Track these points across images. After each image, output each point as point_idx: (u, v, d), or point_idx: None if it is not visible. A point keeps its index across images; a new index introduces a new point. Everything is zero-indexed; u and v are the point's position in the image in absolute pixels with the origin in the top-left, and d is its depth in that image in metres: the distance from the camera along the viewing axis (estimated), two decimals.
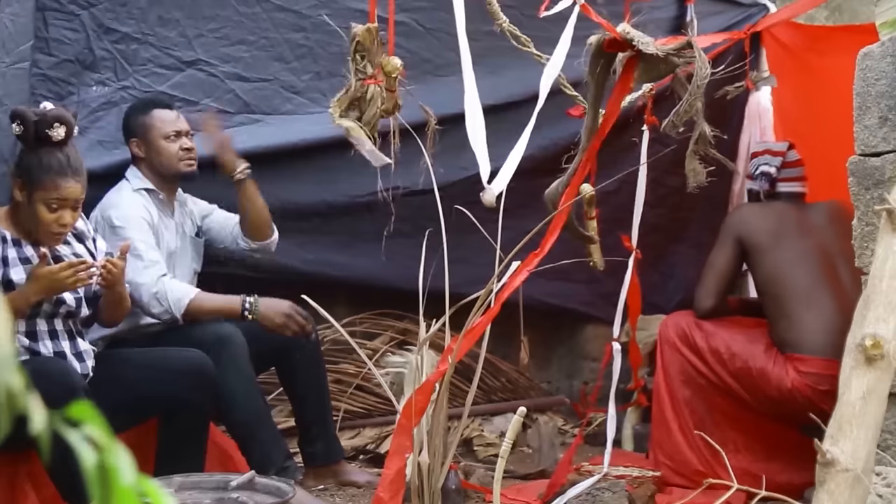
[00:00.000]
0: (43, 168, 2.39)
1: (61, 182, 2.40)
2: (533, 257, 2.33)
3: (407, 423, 2.21)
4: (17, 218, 2.47)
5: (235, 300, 2.82)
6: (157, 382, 2.54)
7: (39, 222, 2.42)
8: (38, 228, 2.43)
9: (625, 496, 2.70)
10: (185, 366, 2.58)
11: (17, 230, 2.47)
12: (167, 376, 2.55)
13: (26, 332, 2.43)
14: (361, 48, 2.56)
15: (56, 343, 2.47)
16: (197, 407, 2.56)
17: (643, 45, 2.26)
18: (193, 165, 2.96)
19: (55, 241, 2.47)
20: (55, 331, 2.48)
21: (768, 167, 3.33)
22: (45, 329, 2.46)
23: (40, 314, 2.45)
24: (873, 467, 1.81)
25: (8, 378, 0.54)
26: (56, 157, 2.41)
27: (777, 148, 3.42)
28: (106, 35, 3.11)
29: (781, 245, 3.11)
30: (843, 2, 4.77)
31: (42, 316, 2.46)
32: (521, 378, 3.97)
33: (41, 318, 2.46)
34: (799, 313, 3.00)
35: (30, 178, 2.41)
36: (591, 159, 2.53)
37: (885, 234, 1.84)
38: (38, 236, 2.45)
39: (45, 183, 2.39)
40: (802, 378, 2.92)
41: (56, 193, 2.39)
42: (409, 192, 3.24)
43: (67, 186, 2.41)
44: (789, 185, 3.33)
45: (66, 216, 2.43)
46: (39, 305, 2.42)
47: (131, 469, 0.54)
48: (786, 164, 3.35)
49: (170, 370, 2.57)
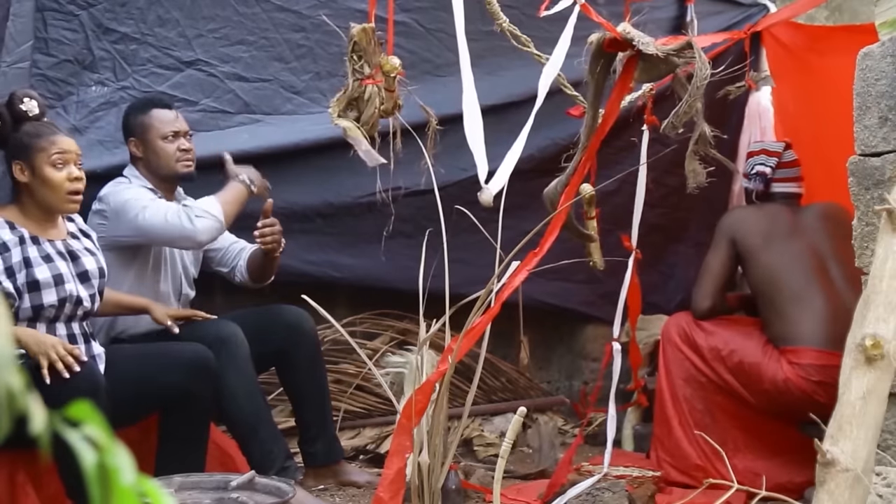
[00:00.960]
0: (33, 135, 2.43)
1: (55, 138, 2.44)
2: (532, 257, 2.33)
3: (407, 423, 2.21)
4: (29, 206, 2.47)
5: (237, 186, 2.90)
6: (160, 374, 2.54)
7: (53, 186, 2.43)
8: (54, 195, 2.44)
9: (625, 496, 2.70)
10: (187, 357, 2.57)
11: (31, 223, 2.46)
12: (170, 367, 2.54)
13: None
14: (358, 48, 2.57)
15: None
16: (199, 398, 2.55)
17: (643, 45, 2.26)
18: (191, 166, 2.95)
19: (74, 205, 2.48)
20: (73, 335, 2.48)
21: (763, 167, 3.35)
22: (64, 334, 2.45)
23: (60, 318, 2.45)
24: (873, 467, 1.81)
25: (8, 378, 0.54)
26: (40, 125, 2.46)
27: (773, 148, 3.44)
28: (105, 35, 3.11)
29: (774, 247, 3.16)
30: (843, 2, 4.77)
31: (62, 320, 2.45)
32: (521, 378, 3.97)
33: (61, 323, 2.45)
34: (791, 311, 3.06)
35: (25, 151, 2.43)
36: (591, 159, 2.53)
37: (885, 234, 1.84)
38: (57, 204, 2.46)
39: (41, 145, 2.42)
40: (795, 370, 2.97)
41: (56, 148, 2.42)
42: (409, 193, 3.24)
43: (63, 140, 2.45)
44: (784, 185, 3.36)
45: (73, 170, 2.45)
46: (61, 308, 2.42)
47: (131, 469, 0.54)
48: (781, 164, 3.37)
49: (172, 361, 2.56)
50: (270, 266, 3.05)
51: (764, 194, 3.35)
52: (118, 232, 2.80)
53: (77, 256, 2.51)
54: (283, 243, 3.01)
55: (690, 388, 3.20)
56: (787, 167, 3.38)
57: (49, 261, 2.43)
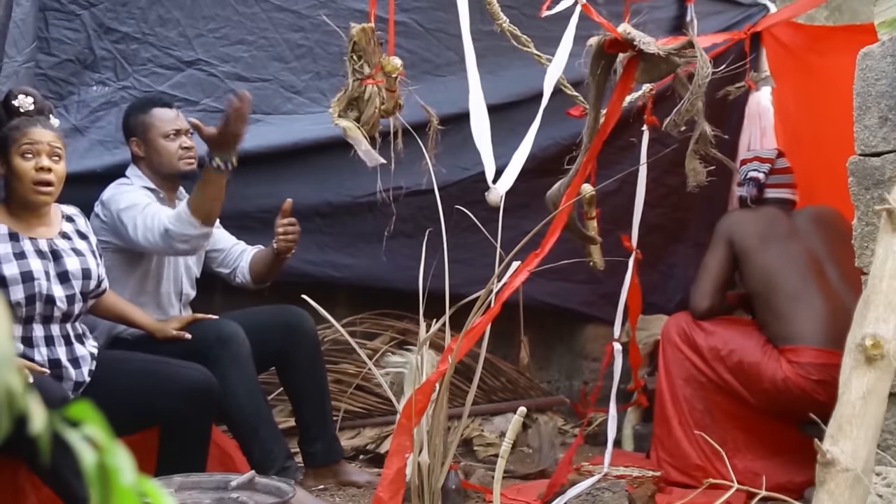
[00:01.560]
0: (12, 129, 2.40)
1: (28, 129, 2.39)
2: (533, 257, 2.33)
3: (407, 423, 2.21)
4: (13, 203, 2.44)
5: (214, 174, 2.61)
6: (158, 396, 2.48)
7: (20, 176, 2.38)
8: (21, 186, 2.39)
9: (625, 496, 2.70)
10: (188, 383, 2.50)
11: (16, 220, 2.43)
12: (169, 390, 2.48)
13: (22, 339, 2.36)
14: (358, 48, 2.57)
15: (52, 350, 2.40)
16: (198, 425, 2.52)
17: (644, 46, 2.26)
18: (193, 164, 2.95)
19: (43, 196, 2.41)
20: (51, 336, 2.41)
21: (757, 172, 3.38)
22: (41, 335, 2.39)
23: (35, 319, 2.39)
24: (873, 467, 1.81)
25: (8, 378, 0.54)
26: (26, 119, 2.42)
27: (766, 155, 3.47)
28: (106, 35, 3.12)
29: (770, 248, 3.18)
30: (843, 2, 4.77)
31: (38, 321, 2.39)
32: (521, 378, 3.97)
33: (37, 324, 2.39)
34: (789, 310, 3.07)
35: (3, 145, 2.40)
36: (593, 160, 2.53)
37: (885, 234, 1.84)
38: (26, 195, 2.40)
39: (14, 136, 2.39)
40: (794, 368, 2.98)
41: (25, 139, 2.38)
42: (409, 193, 3.23)
43: (35, 131, 2.40)
44: (778, 191, 3.38)
45: (43, 160, 2.39)
46: (31, 307, 2.37)
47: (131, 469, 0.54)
48: (774, 170, 3.39)
49: (172, 384, 2.49)
50: (278, 266, 3.04)
51: (758, 199, 3.37)
52: (116, 241, 2.81)
53: (60, 256, 2.45)
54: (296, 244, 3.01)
55: (690, 388, 3.21)
56: (779, 173, 3.40)
57: (21, 258, 2.38)
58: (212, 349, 2.68)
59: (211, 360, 2.66)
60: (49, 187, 2.41)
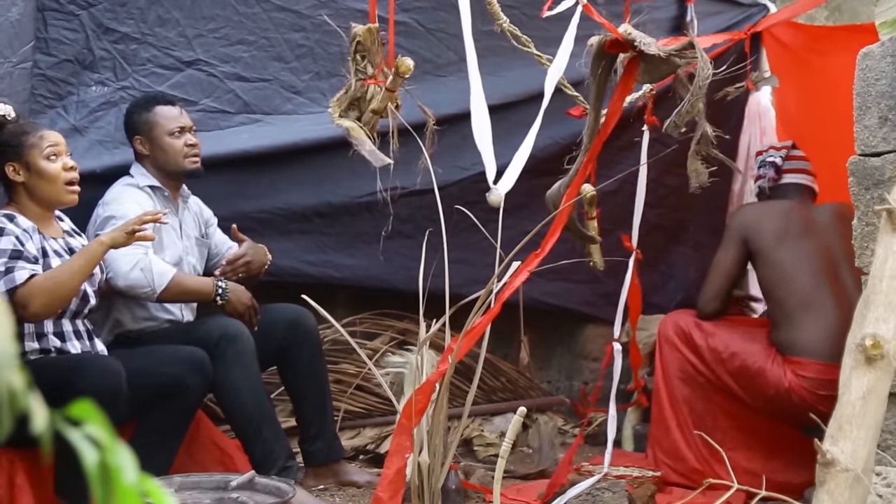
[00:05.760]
0: (19, 134, 2.46)
1: (44, 133, 2.49)
2: (533, 257, 2.33)
3: (407, 423, 2.21)
4: (27, 206, 2.48)
5: (209, 284, 2.81)
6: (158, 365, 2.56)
7: (51, 178, 2.46)
8: (53, 187, 2.47)
9: (625, 496, 2.70)
10: (184, 353, 2.62)
11: (33, 221, 2.47)
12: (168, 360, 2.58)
13: (55, 333, 2.46)
14: (362, 48, 2.56)
15: (82, 343, 2.51)
16: (193, 390, 2.57)
17: (645, 46, 2.26)
18: (198, 162, 2.96)
19: (73, 195, 2.51)
20: (79, 331, 2.52)
21: (773, 157, 3.33)
22: (70, 329, 2.49)
23: (66, 313, 2.48)
24: (873, 467, 1.81)
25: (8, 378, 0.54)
26: (24, 124, 2.51)
27: (780, 144, 3.44)
28: (105, 35, 3.11)
29: (786, 245, 3.10)
30: (843, 2, 4.77)
31: (68, 315, 2.49)
32: (521, 378, 3.97)
33: (67, 319, 2.49)
34: (799, 317, 3.00)
35: (16, 150, 2.45)
36: (593, 160, 2.52)
37: (885, 234, 1.84)
38: (57, 196, 2.48)
39: (32, 141, 2.45)
40: (800, 381, 2.93)
41: (47, 142, 2.46)
42: (408, 193, 3.23)
43: (51, 133, 2.51)
44: (796, 176, 3.31)
45: (67, 160, 2.49)
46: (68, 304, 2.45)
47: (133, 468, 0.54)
48: (790, 156, 3.34)
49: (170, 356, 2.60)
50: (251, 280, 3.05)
51: (776, 186, 3.31)
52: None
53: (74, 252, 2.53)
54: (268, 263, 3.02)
55: (688, 387, 3.18)
56: (796, 160, 3.35)
57: (59, 255, 2.46)
58: (216, 347, 2.68)
59: (215, 357, 2.67)
60: (76, 186, 2.52)
